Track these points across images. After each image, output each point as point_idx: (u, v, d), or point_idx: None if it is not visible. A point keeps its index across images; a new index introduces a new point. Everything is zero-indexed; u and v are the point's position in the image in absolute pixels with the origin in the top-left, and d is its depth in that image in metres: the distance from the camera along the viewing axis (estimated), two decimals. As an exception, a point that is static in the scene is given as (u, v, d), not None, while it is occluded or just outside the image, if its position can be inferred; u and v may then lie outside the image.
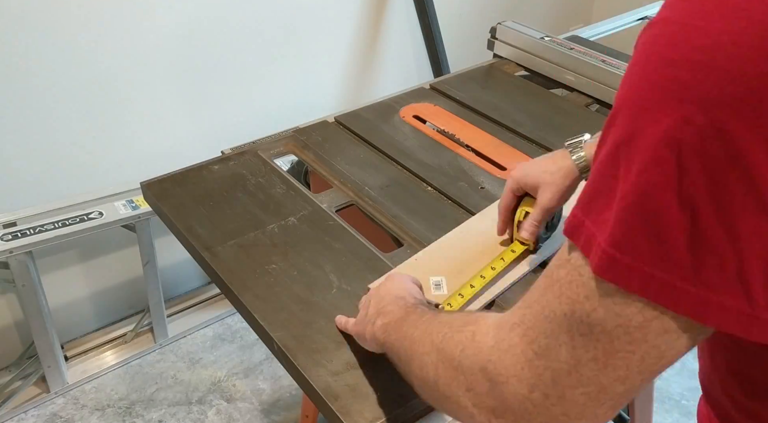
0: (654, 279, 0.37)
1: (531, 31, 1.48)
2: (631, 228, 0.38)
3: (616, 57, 1.36)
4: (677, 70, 0.36)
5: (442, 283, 0.87)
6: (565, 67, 1.38)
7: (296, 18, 1.79)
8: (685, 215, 0.36)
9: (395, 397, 0.73)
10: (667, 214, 0.37)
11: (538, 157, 0.90)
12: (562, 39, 1.47)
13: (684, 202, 0.36)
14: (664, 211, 0.37)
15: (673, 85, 0.36)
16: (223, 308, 1.89)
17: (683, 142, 0.35)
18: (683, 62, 0.36)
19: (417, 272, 0.88)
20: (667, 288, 0.37)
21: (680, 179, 0.36)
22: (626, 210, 0.38)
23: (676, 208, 0.36)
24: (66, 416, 1.61)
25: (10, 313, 1.63)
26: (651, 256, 0.37)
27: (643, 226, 0.37)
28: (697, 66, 0.35)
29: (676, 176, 0.36)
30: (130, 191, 1.60)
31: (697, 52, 0.35)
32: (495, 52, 1.53)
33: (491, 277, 0.86)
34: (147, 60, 1.58)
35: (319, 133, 1.21)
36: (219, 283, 0.91)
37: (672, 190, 0.36)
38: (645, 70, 0.38)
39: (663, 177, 0.36)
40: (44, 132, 1.51)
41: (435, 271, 0.88)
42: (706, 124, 0.35)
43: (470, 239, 0.94)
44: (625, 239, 0.38)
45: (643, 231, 0.37)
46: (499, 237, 0.93)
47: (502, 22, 1.51)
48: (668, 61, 0.36)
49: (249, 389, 1.69)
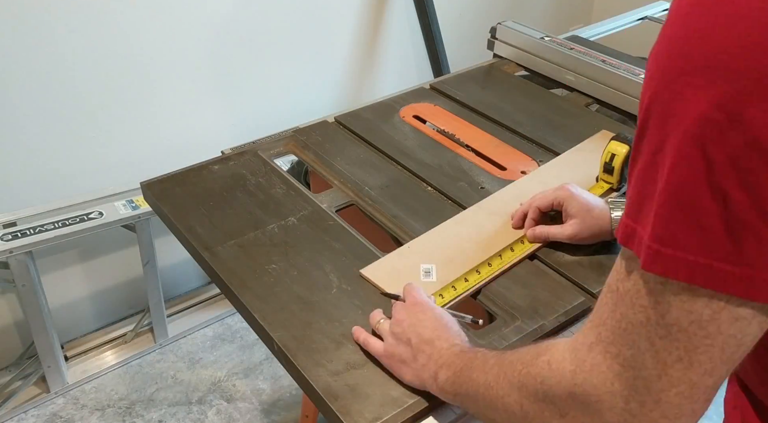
0: (698, 265, 0.40)
1: (531, 31, 1.48)
2: (670, 221, 0.41)
3: (616, 57, 1.36)
4: (691, 77, 0.40)
5: (432, 270, 0.88)
6: (565, 67, 1.38)
7: (296, 18, 1.79)
8: (718, 203, 0.39)
9: (395, 397, 0.73)
10: (701, 204, 0.40)
11: (587, 191, 0.92)
12: (562, 39, 1.47)
13: (715, 190, 0.39)
14: (698, 202, 0.40)
15: (690, 91, 0.40)
16: (223, 308, 1.89)
17: (706, 138, 0.39)
18: (695, 70, 0.40)
19: (408, 259, 0.90)
20: (711, 272, 0.40)
21: (708, 171, 0.39)
22: (664, 206, 0.41)
23: (709, 198, 0.39)
24: (66, 416, 1.61)
25: (10, 313, 1.64)
26: (692, 245, 0.40)
27: (681, 218, 0.41)
28: (707, 71, 0.39)
29: (705, 169, 0.39)
30: (130, 191, 1.60)
31: (706, 58, 0.39)
32: (495, 52, 1.53)
33: (487, 274, 0.87)
34: (146, 61, 1.58)
35: (319, 133, 1.21)
36: (219, 283, 0.91)
37: (703, 181, 0.40)
38: (663, 81, 0.42)
39: (693, 171, 0.40)
40: (44, 132, 1.51)
41: (426, 258, 0.90)
42: (723, 118, 0.38)
43: (464, 230, 0.96)
44: (666, 232, 0.41)
45: (681, 223, 0.41)
46: (492, 229, 0.95)
47: (503, 22, 1.51)
48: (682, 72, 0.41)
49: (249, 389, 1.69)
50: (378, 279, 0.87)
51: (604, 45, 1.51)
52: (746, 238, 0.39)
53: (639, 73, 1.28)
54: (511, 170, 1.11)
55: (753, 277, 0.39)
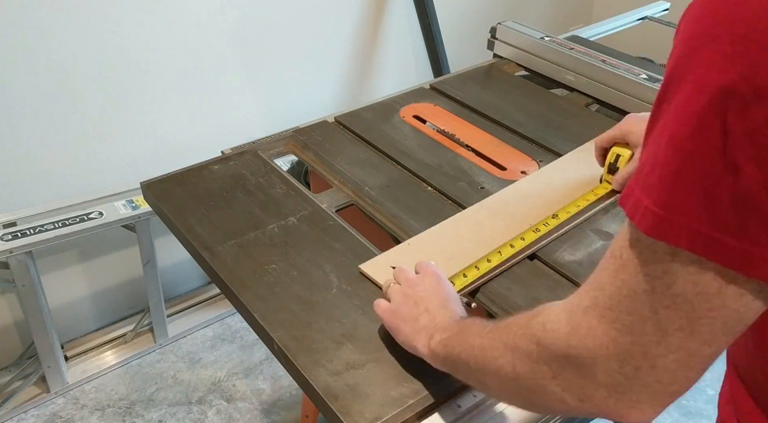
0: (700, 234, 0.40)
1: (531, 31, 1.48)
2: (677, 189, 0.41)
3: (616, 57, 1.36)
4: (720, 44, 0.39)
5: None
6: (565, 67, 1.38)
7: (296, 18, 1.79)
8: (729, 175, 0.39)
9: (396, 397, 0.73)
10: (712, 174, 0.39)
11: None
12: (562, 39, 1.47)
13: (728, 163, 0.39)
14: (710, 172, 0.39)
15: (717, 58, 0.39)
16: (223, 308, 1.89)
17: (729, 109, 0.38)
18: (725, 36, 0.39)
19: (408, 256, 0.90)
20: (712, 242, 0.40)
21: (725, 142, 0.39)
22: (673, 174, 0.41)
23: (722, 169, 0.39)
24: (66, 416, 1.61)
25: (10, 313, 1.64)
26: (697, 214, 0.40)
27: (689, 186, 0.40)
28: (737, 39, 0.38)
29: (721, 139, 0.39)
30: (130, 191, 1.60)
31: (737, 25, 0.38)
32: (495, 52, 1.53)
33: (496, 262, 0.88)
34: (147, 61, 1.58)
35: (319, 133, 1.21)
36: (219, 283, 0.91)
37: (718, 152, 0.39)
38: (690, 45, 0.41)
39: (708, 142, 0.39)
40: (44, 132, 1.51)
41: (425, 256, 0.90)
42: (748, 91, 0.38)
43: (465, 228, 0.96)
44: (672, 200, 0.41)
45: (689, 191, 0.40)
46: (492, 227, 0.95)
47: (502, 22, 1.51)
48: (712, 37, 0.40)
49: (249, 389, 1.69)
50: (377, 275, 0.87)
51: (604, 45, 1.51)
52: (752, 214, 0.39)
53: (639, 73, 1.28)
54: (511, 170, 1.11)
55: (752, 254, 0.39)
